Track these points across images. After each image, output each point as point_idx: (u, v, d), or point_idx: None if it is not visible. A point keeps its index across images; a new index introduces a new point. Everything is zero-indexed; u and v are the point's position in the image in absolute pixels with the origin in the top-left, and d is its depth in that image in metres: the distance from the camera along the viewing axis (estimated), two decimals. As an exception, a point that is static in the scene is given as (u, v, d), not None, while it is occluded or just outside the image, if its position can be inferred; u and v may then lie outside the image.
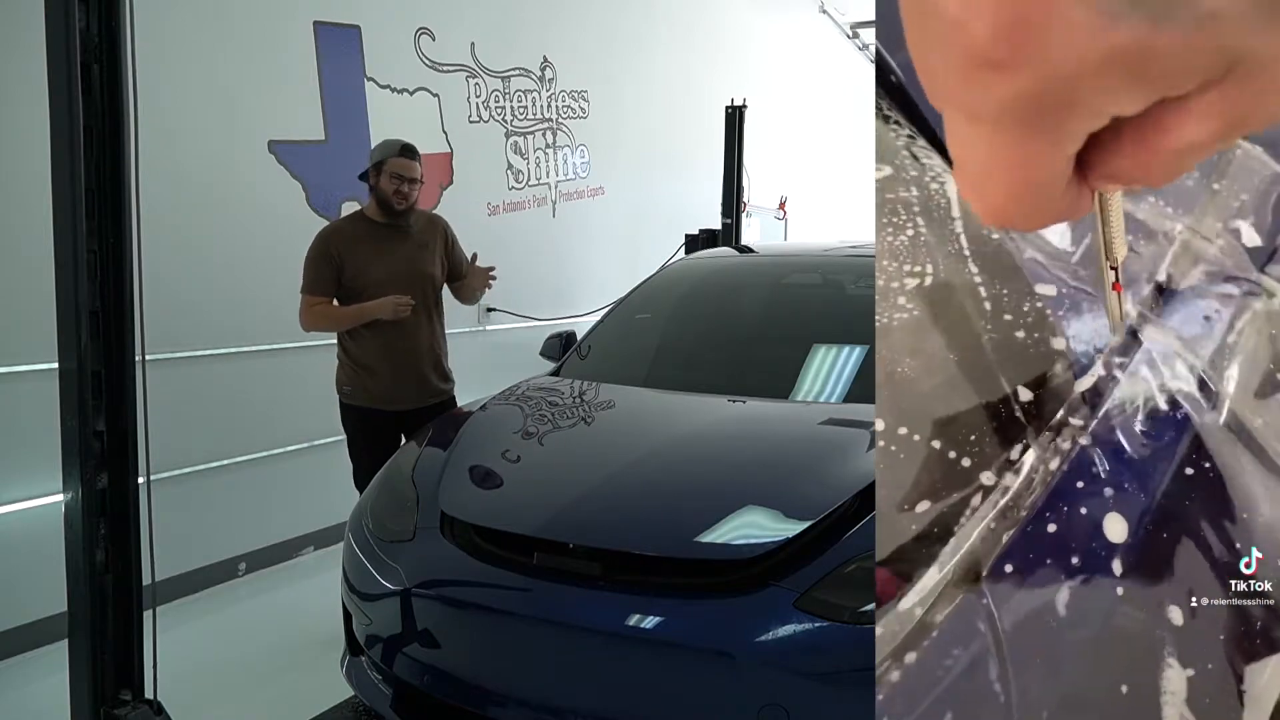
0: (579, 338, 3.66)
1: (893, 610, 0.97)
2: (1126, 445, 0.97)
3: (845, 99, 10.23)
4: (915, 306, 0.99)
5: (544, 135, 6.10)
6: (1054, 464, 0.96)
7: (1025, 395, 0.97)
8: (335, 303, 3.33)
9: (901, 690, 1.01)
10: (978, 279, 1.01)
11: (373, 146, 3.48)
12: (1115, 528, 0.96)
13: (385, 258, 3.34)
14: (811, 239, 6.92)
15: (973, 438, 0.95)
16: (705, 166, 6.43)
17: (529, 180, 5.97)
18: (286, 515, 4.27)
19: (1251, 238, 1.01)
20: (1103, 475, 0.96)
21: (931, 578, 0.96)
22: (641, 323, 3.63)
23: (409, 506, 2.50)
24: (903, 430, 0.96)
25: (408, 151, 3.34)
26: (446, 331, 3.54)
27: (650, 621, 2.03)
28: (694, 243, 5.63)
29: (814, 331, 3.30)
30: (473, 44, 5.34)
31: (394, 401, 3.35)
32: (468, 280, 3.55)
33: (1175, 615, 0.97)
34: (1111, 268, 0.79)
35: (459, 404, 3.42)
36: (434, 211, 3.60)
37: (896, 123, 1.03)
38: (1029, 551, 0.95)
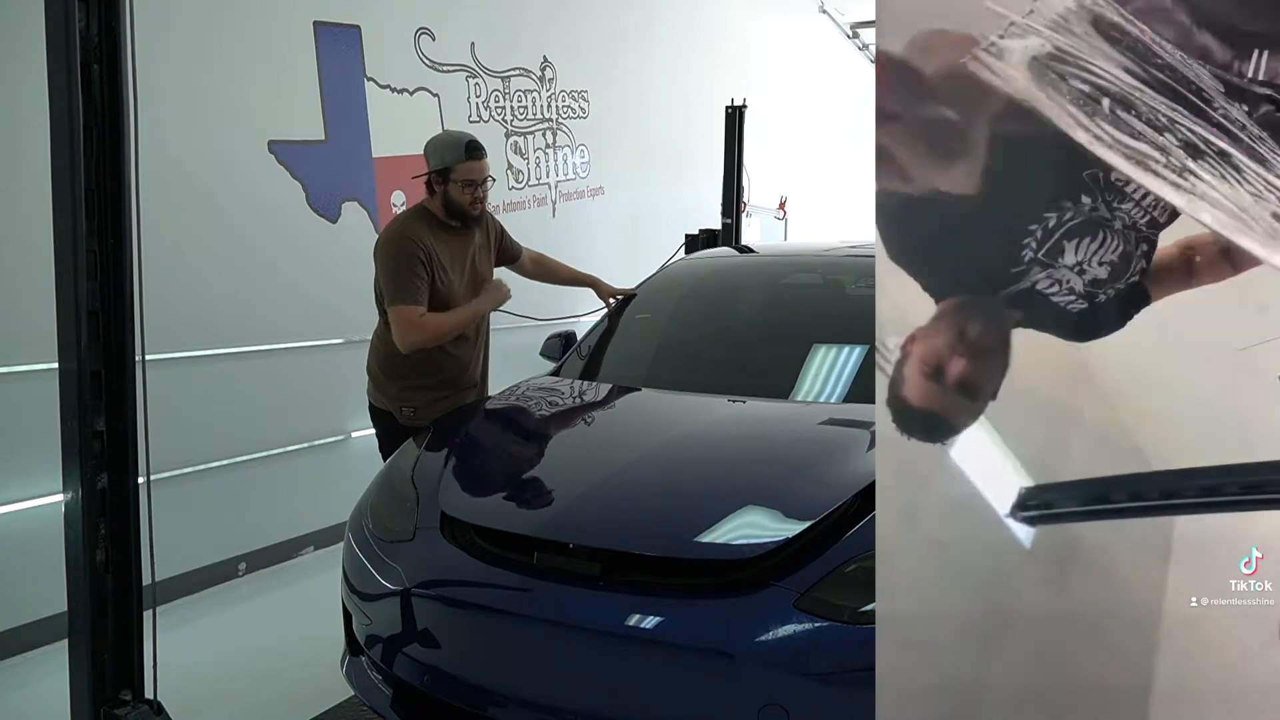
0: (579, 338, 3.66)
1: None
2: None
3: (845, 99, 10.23)
4: None
5: (544, 135, 6.10)
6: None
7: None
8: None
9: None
10: None
11: (428, 143, 3.09)
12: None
13: (462, 267, 3.10)
14: (811, 239, 6.92)
15: None
16: (705, 166, 6.44)
17: (529, 180, 5.98)
18: (286, 515, 4.28)
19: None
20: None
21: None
22: (641, 323, 3.63)
23: (409, 506, 2.50)
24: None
25: (474, 151, 2.99)
26: None
27: (650, 622, 2.03)
28: (694, 243, 5.62)
29: (814, 331, 3.29)
30: (473, 44, 5.34)
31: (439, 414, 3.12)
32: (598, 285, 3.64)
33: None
34: None
35: None
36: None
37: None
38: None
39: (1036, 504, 1.35)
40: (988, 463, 1.37)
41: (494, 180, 3.17)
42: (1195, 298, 1.28)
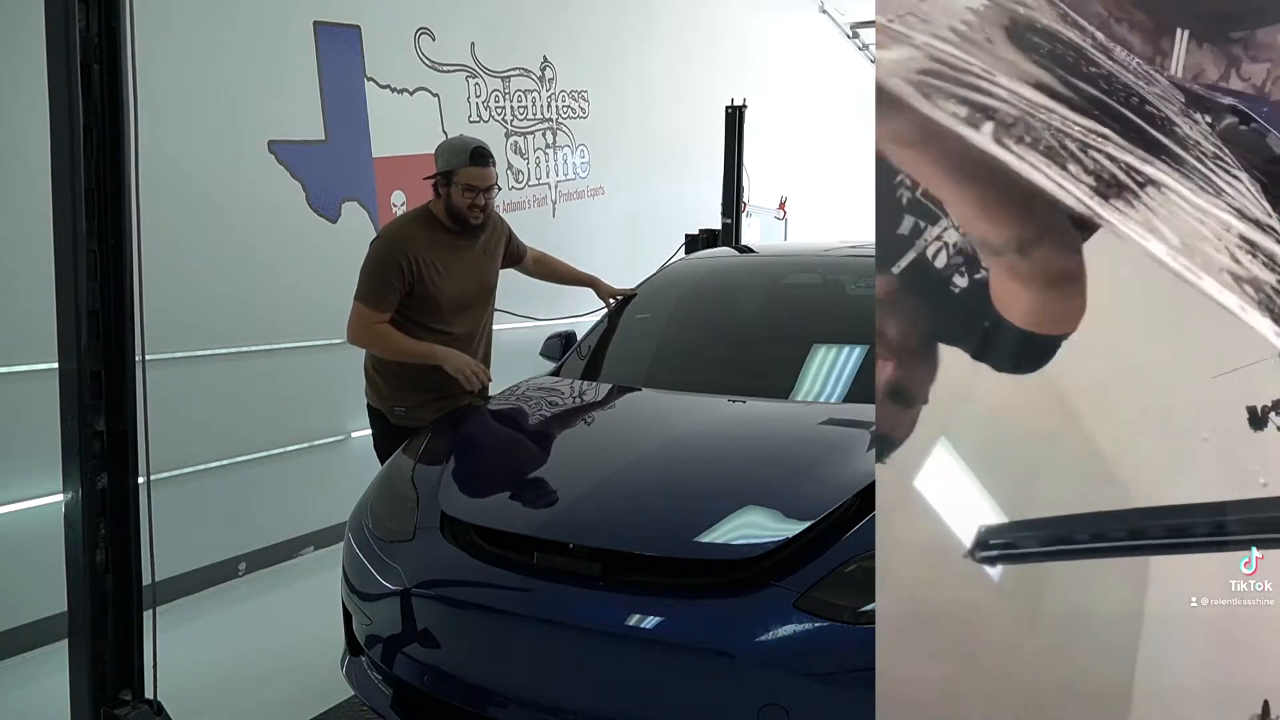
0: (579, 338, 3.66)
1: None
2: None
3: (845, 99, 10.23)
4: None
5: (544, 135, 6.10)
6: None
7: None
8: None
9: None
10: None
11: (439, 146, 3.12)
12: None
13: (459, 271, 3.08)
14: (811, 239, 6.92)
15: None
16: (705, 166, 6.44)
17: (529, 180, 5.98)
18: (286, 515, 4.28)
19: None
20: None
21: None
22: (641, 323, 3.63)
23: (409, 506, 2.50)
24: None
25: (480, 158, 2.98)
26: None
27: (650, 622, 2.03)
28: (694, 243, 5.62)
29: (814, 331, 3.29)
30: (473, 44, 5.34)
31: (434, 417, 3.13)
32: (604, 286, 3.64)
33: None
34: None
35: None
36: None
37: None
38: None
39: (1000, 543, 1.34)
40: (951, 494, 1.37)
41: (499, 189, 3.17)
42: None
